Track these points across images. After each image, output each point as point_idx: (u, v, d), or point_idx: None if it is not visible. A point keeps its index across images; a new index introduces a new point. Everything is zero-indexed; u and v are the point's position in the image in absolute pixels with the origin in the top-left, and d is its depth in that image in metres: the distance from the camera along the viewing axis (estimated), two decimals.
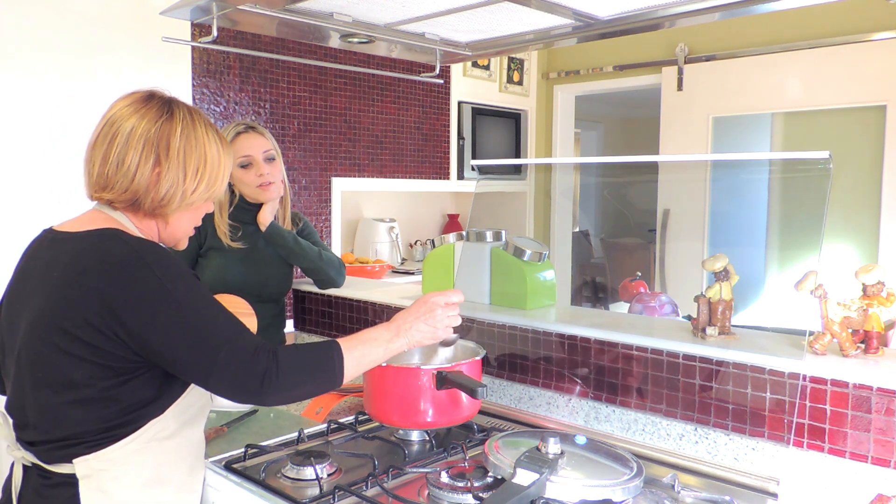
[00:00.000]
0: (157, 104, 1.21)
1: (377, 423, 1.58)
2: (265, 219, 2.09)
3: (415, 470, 1.34)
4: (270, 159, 2.10)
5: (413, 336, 1.27)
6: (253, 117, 3.21)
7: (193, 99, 3.02)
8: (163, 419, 1.19)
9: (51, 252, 1.19)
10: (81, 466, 1.14)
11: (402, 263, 4.03)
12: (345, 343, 1.21)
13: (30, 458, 1.18)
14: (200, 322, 1.13)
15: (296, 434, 1.51)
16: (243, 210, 2.13)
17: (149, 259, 1.13)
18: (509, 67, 4.48)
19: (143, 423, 1.17)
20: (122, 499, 1.15)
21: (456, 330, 1.32)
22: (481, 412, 1.63)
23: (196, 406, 1.24)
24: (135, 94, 1.23)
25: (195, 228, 2.05)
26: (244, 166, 2.07)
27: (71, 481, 1.14)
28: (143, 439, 1.17)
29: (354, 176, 3.70)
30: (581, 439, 1.34)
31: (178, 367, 1.14)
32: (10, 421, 1.22)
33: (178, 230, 1.28)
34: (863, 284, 1.33)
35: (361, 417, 1.60)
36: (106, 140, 1.18)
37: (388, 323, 1.28)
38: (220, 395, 1.16)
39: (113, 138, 1.17)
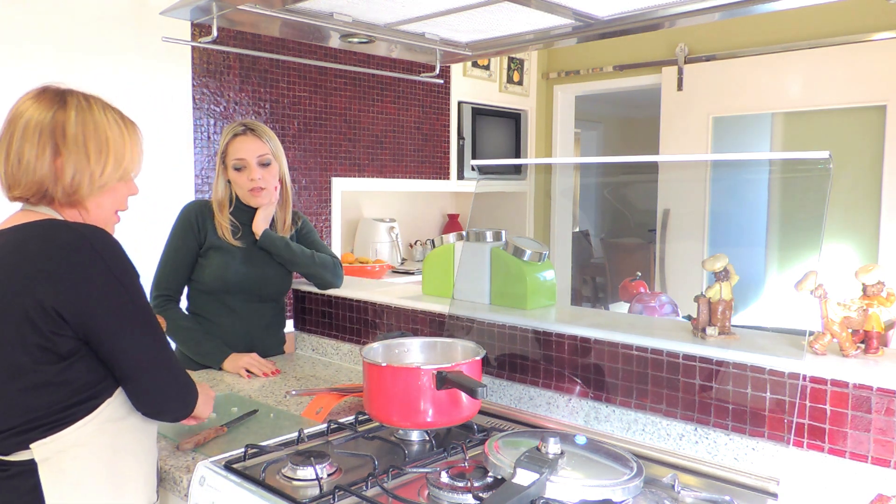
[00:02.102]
0: (50, 95, 1.22)
1: (377, 423, 1.58)
2: (258, 228, 2.09)
3: (415, 470, 1.33)
4: (265, 164, 2.07)
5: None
6: (253, 117, 3.21)
7: (193, 99, 3.02)
8: (117, 399, 1.20)
9: None
10: (40, 450, 1.14)
11: (402, 263, 4.03)
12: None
13: None
14: (146, 318, 1.20)
15: (296, 434, 1.51)
16: (242, 211, 2.13)
17: (98, 246, 1.15)
18: (509, 67, 4.48)
19: (98, 404, 1.18)
20: (80, 477, 1.17)
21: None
22: (481, 412, 1.63)
23: None
24: (33, 90, 1.24)
25: (195, 227, 2.08)
26: (238, 169, 2.06)
27: (30, 468, 1.15)
28: (99, 420, 1.18)
29: (354, 176, 3.70)
30: (581, 439, 1.34)
31: (117, 355, 1.16)
32: None
33: (100, 216, 1.27)
34: (863, 284, 1.33)
35: (361, 417, 1.60)
36: (6, 137, 1.20)
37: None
38: (139, 399, 1.20)
39: (11, 135, 1.19)
